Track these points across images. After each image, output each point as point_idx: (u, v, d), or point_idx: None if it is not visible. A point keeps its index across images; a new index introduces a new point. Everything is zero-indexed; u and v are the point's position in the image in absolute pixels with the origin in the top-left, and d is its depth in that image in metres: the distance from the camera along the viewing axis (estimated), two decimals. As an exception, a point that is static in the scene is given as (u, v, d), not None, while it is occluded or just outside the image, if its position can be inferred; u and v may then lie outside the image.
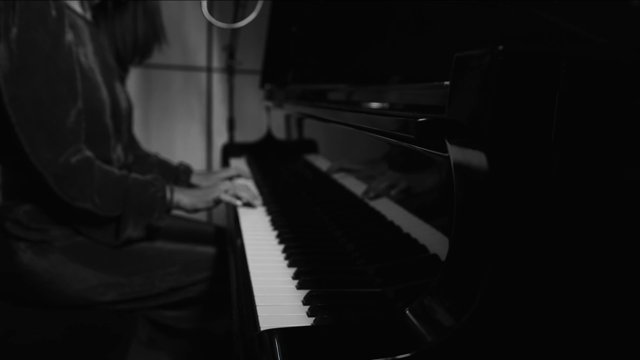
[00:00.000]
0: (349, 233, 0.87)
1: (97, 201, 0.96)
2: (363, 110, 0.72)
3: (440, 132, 0.43)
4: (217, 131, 3.19)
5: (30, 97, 0.90)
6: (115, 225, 1.02)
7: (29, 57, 0.90)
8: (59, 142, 0.92)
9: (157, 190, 1.03)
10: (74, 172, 0.94)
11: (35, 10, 0.91)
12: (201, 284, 1.09)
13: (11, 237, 1.00)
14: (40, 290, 1.00)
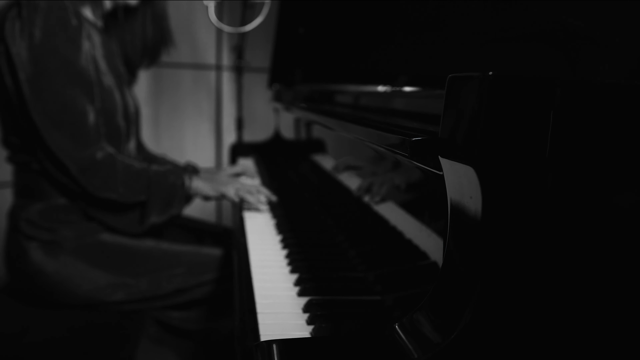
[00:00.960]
0: (351, 238, 0.88)
1: (122, 191, 1.01)
2: (365, 122, 0.72)
3: (434, 151, 0.44)
4: (226, 129, 3.21)
5: (53, 99, 0.94)
6: (139, 213, 1.06)
7: (51, 62, 0.93)
8: (83, 140, 0.97)
9: (177, 178, 1.08)
10: (98, 166, 0.98)
11: (57, 18, 0.94)
12: (207, 285, 1.11)
13: (24, 235, 1.03)
14: (51, 290, 1.03)
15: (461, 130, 0.41)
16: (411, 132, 0.56)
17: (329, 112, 1.01)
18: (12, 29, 0.92)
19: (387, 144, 0.52)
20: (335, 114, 0.94)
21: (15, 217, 1.05)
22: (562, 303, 0.41)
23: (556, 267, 0.41)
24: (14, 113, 0.99)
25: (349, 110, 1.07)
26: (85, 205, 1.03)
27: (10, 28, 0.93)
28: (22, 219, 1.03)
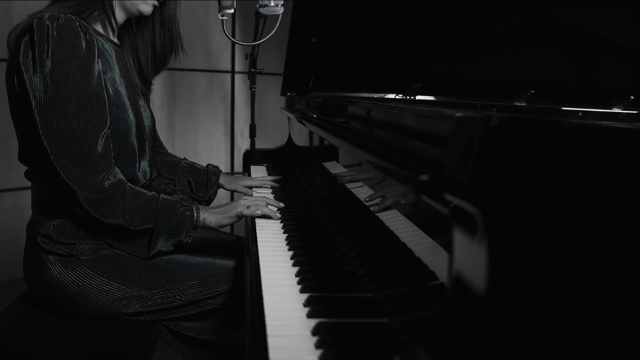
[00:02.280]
0: (361, 255, 0.89)
1: (129, 218, 1.03)
2: (373, 147, 0.73)
3: (438, 190, 0.45)
4: (240, 133, 3.24)
5: (63, 126, 0.95)
6: (147, 239, 1.08)
7: (62, 89, 0.95)
8: (92, 167, 0.98)
9: (186, 210, 1.10)
10: (107, 194, 1.00)
11: (67, 44, 0.96)
12: (220, 297, 1.13)
13: (42, 250, 1.06)
14: (69, 301, 1.05)
15: (466, 170, 0.42)
16: (418, 165, 0.57)
17: (338, 131, 1.02)
18: (26, 55, 0.95)
19: (395, 177, 0.54)
20: (344, 135, 0.95)
21: (33, 231, 1.08)
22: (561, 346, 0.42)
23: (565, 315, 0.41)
24: (29, 134, 1.02)
25: (359, 126, 1.08)
26: (94, 229, 1.06)
27: (24, 54, 0.95)
28: (39, 234, 1.06)
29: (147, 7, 1.16)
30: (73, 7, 1.04)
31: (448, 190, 0.43)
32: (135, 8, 1.14)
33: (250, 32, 2.95)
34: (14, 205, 2.62)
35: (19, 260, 2.67)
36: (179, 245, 1.11)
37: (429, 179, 0.45)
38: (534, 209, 0.40)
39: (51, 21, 0.95)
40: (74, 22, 0.98)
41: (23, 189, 2.61)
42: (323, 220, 1.16)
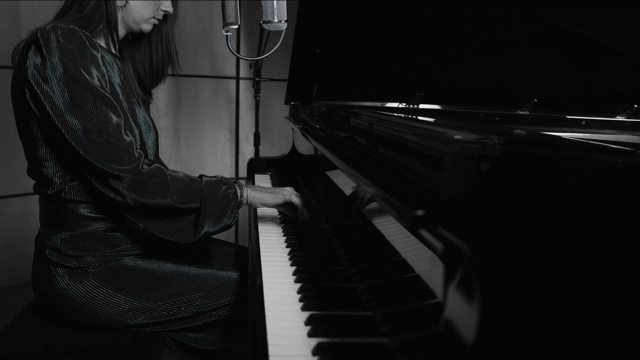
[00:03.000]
0: (361, 271, 0.91)
1: (175, 197, 1.04)
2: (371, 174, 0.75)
3: (433, 224, 0.47)
4: (244, 138, 3.27)
5: (86, 123, 0.98)
6: (194, 221, 1.08)
7: (76, 90, 0.98)
8: (124, 157, 1.00)
9: (229, 187, 1.12)
10: (147, 175, 1.02)
11: (74, 48, 0.99)
12: (224, 308, 1.15)
13: (50, 262, 1.08)
14: (77, 312, 1.08)
15: (459, 209, 0.44)
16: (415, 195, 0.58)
17: (338, 150, 1.03)
18: (35, 66, 0.97)
19: (390, 207, 0.55)
20: (343, 153, 0.97)
21: (41, 244, 1.10)
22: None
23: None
24: (40, 145, 1.04)
25: (360, 142, 1.10)
26: (136, 217, 1.05)
27: (32, 65, 0.97)
28: (47, 247, 1.08)
29: (149, 27, 1.19)
30: (78, 20, 1.07)
31: (443, 225, 0.45)
32: (138, 27, 1.17)
33: (254, 38, 2.98)
34: (22, 211, 2.65)
35: (26, 264, 2.71)
36: (223, 227, 1.11)
37: (423, 216, 0.47)
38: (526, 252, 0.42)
39: (54, 30, 0.98)
40: (77, 29, 1.01)
41: (30, 194, 2.64)
42: (325, 233, 1.18)
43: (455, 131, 0.92)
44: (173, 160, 3.06)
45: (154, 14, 1.18)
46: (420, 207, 0.48)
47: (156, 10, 1.18)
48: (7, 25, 2.48)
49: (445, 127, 0.98)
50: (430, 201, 0.52)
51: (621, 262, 0.39)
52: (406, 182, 0.65)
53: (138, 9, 1.15)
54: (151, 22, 1.19)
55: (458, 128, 0.94)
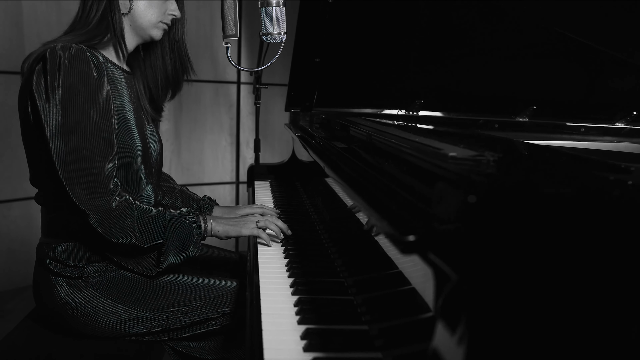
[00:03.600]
0: (358, 283, 0.92)
1: (139, 236, 1.06)
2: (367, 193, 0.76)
3: (425, 248, 0.48)
4: (245, 142, 3.28)
5: (72, 151, 0.99)
6: (156, 256, 1.11)
7: (71, 116, 0.99)
8: (99, 190, 1.01)
9: (193, 222, 1.12)
10: (115, 213, 1.03)
11: (78, 73, 1.00)
12: (222, 318, 1.16)
13: (51, 272, 1.10)
14: (77, 322, 1.09)
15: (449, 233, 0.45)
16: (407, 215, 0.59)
17: (336, 163, 1.04)
18: (38, 83, 0.99)
19: (384, 232, 0.57)
20: (341, 169, 0.98)
21: (42, 254, 1.12)
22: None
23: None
24: (41, 156, 1.06)
25: (361, 154, 1.10)
26: (104, 249, 1.09)
27: (36, 82, 0.99)
28: (48, 257, 1.09)
29: (159, 32, 1.19)
30: (85, 34, 1.08)
31: (434, 251, 0.46)
32: (147, 33, 1.18)
33: (255, 41, 2.99)
34: (23, 215, 2.67)
35: (27, 268, 2.72)
36: (187, 259, 1.13)
37: (416, 241, 0.48)
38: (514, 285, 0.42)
39: (63, 51, 0.99)
40: (85, 52, 1.02)
41: (32, 198, 2.66)
42: (323, 244, 1.19)
43: (452, 146, 0.93)
44: (174, 164, 3.07)
45: (161, 18, 1.18)
46: (412, 231, 0.50)
47: (163, 14, 1.19)
48: (9, 30, 2.50)
49: (442, 142, 0.99)
50: (422, 223, 0.53)
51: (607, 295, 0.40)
52: (400, 201, 0.66)
53: (144, 13, 1.15)
54: (160, 27, 1.19)
55: (454, 142, 0.95)
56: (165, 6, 1.19)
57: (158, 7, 1.17)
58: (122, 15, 1.13)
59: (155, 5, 1.17)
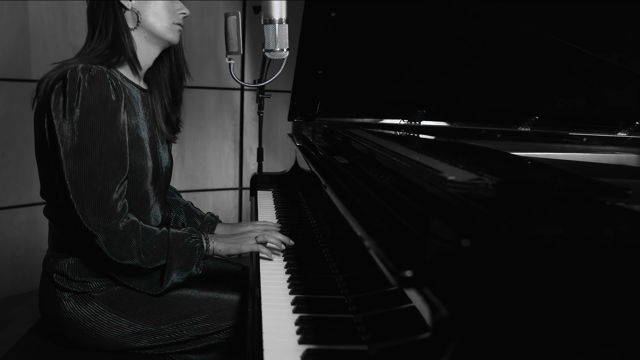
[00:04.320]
0: (358, 300, 0.93)
1: (143, 257, 1.07)
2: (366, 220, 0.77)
3: (420, 284, 0.49)
4: (248, 148, 3.30)
5: (85, 172, 1.01)
6: (159, 275, 1.13)
7: (87, 137, 1.00)
8: (108, 212, 1.03)
9: (196, 242, 1.14)
10: (121, 236, 1.04)
11: (97, 95, 1.01)
12: (225, 331, 1.18)
13: (57, 287, 1.11)
14: (82, 335, 1.11)
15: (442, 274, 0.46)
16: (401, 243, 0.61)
17: (335, 182, 1.06)
18: (57, 102, 1.00)
19: (382, 262, 0.58)
20: (342, 190, 0.99)
21: (49, 267, 1.13)
22: None
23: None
24: (52, 172, 1.08)
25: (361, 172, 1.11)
26: (108, 268, 1.11)
27: (55, 101, 1.00)
28: (55, 271, 1.11)
29: (175, 35, 1.20)
30: (100, 57, 1.10)
31: (429, 286, 0.48)
32: (165, 39, 1.19)
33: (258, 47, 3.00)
34: (29, 220, 2.69)
35: (32, 273, 2.75)
36: (190, 277, 1.15)
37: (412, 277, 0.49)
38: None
39: (83, 72, 1.01)
40: (105, 73, 1.03)
41: (37, 204, 2.68)
42: (325, 258, 1.21)
43: (451, 167, 0.94)
44: (178, 170, 3.09)
45: (173, 19, 1.19)
46: (408, 265, 0.51)
47: (173, 15, 1.19)
48: (16, 39, 2.53)
49: (442, 161, 1.00)
50: (418, 254, 0.54)
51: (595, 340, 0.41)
52: (398, 227, 0.67)
53: (154, 20, 1.16)
54: (175, 29, 1.20)
55: (454, 162, 0.96)
56: (172, 7, 1.19)
57: (167, 10, 1.18)
58: (130, 32, 1.15)
59: (162, 8, 1.17)
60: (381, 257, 0.58)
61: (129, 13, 1.15)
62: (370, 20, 1.76)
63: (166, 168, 1.29)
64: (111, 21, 1.11)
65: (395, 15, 1.78)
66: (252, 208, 1.80)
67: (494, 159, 1.25)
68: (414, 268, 0.51)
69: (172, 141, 1.35)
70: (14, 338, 2.27)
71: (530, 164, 1.14)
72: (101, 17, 1.11)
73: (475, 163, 0.95)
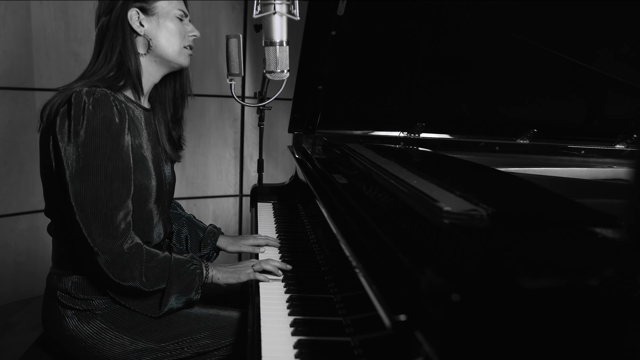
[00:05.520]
0: (355, 322, 0.95)
1: (144, 280, 1.09)
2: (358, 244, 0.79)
3: (412, 327, 0.51)
4: (248, 156, 3.32)
5: (91, 193, 1.03)
6: (159, 299, 1.15)
7: (93, 160, 1.03)
8: (112, 233, 1.05)
9: (196, 268, 1.16)
10: (125, 257, 1.06)
11: (101, 118, 1.03)
12: (225, 348, 1.19)
13: (60, 304, 1.13)
14: (85, 353, 1.13)
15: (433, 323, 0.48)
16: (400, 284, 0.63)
17: (331, 202, 1.08)
18: (62, 126, 1.02)
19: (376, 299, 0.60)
20: (337, 210, 1.01)
21: (52, 285, 1.15)
22: None
23: None
24: (57, 193, 1.09)
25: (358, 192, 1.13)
26: (109, 289, 1.13)
27: (60, 125, 1.03)
28: (58, 288, 1.13)
29: (186, 59, 1.22)
30: (103, 80, 1.11)
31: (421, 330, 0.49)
32: (176, 63, 1.21)
33: (259, 52, 3.02)
34: (30, 227, 2.71)
35: (33, 280, 2.76)
36: (188, 302, 1.17)
37: (405, 321, 0.51)
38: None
39: (87, 96, 1.03)
40: (109, 96, 1.05)
41: (39, 211, 2.70)
42: (323, 277, 1.22)
43: (447, 194, 0.96)
44: (179, 178, 3.10)
45: (184, 43, 1.21)
46: (402, 310, 0.53)
47: (184, 38, 1.21)
48: (19, 48, 2.55)
49: (439, 186, 1.02)
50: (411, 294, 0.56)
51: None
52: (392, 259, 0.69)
53: (165, 45, 1.18)
54: (185, 53, 1.22)
55: (450, 188, 0.98)
56: (184, 30, 1.21)
57: (178, 34, 1.19)
58: (139, 57, 1.16)
59: (174, 33, 1.19)
60: (376, 295, 0.60)
61: (140, 39, 1.17)
62: (370, 37, 1.78)
63: (170, 185, 1.31)
64: (118, 45, 1.13)
65: (396, 31, 1.80)
66: (252, 221, 1.82)
67: (491, 182, 1.26)
68: (407, 313, 0.53)
69: (176, 160, 1.36)
70: (14, 345, 2.30)
71: (526, 188, 1.15)
72: (109, 41, 1.13)
73: (471, 189, 0.97)
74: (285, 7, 1.16)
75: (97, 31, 1.16)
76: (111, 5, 1.14)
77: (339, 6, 1.38)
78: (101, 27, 1.15)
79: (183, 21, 1.21)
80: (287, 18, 1.18)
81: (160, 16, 1.17)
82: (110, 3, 1.15)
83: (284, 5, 1.15)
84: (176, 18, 1.19)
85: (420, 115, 2.10)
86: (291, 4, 1.16)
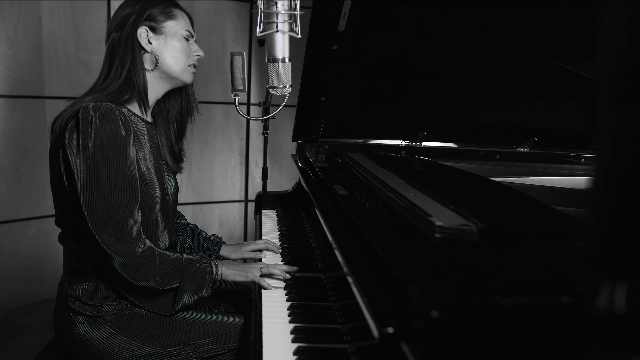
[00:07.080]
0: (353, 330, 1.00)
1: (159, 280, 1.16)
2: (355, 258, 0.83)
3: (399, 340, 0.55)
4: (254, 162, 3.37)
5: (102, 203, 1.09)
6: (172, 297, 1.21)
7: (101, 171, 1.09)
8: (125, 238, 1.11)
9: (207, 266, 1.23)
10: (139, 259, 1.13)
11: (108, 131, 1.09)
12: (229, 353, 1.24)
13: (71, 310, 1.19)
14: (95, 357, 1.18)
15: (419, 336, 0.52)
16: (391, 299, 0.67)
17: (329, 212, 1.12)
18: (71, 140, 1.08)
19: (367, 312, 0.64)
20: (334, 220, 1.05)
21: (63, 292, 1.21)
22: None
23: None
24: (68, 203, 1.15)
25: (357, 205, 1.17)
26: (125, 291, 1.18)
27: (69, 139, 1.08)
28: (70, 295, 1.18)
29: (190, 76, 1.29)
30: (111, 95, 1.17)
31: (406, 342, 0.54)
32: (179, 80, 1.27)
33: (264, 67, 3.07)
34: (40, 232, 2.77)
35: (42, 284, 2.83)
36: (200, 299, 1.22)
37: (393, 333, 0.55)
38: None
39: (94, 111, 1.09)
40: (114, 110, 1.11)
41: (48, 216, 2.77)
42: (324, 284, 1.27)
43: (442, 207, 1.00)
44: (185, 183, 3.17)
45: (189, 62, 1.27)
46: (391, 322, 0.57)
47: (189, 57, 1.27)
48: (30, 57, 2.61)
49: (434, 199, 1.06)
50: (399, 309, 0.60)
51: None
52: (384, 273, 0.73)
53: (172, 63, 1.24)
54: (189, 71, 1.28)
55: (445, 203, 1.02)
56: (189, 49, 1.27)
57: (184, 53, 1.25)
58: (145, 73, 1.22)
59: (180, 52, 1.25)
60: (367, 307, 0.64)
61: (148, 55, 1.22)
62: (371, 49, 1.83)
63: (172, 195, 1.36)
64: (127, 62, 1.18)
65: (396, 41, 1.84)
66: (256, 228, 1.86)
67: (486, 194, 1.30)
68: (395, 326, 0.57)
69: (177, 172, 1.41)
70: (25, 348, 2.36)
71: (520, 200, 1.19)
72: (119, 57, 1.18)
73: (465, 203, 1.01)
74: (288, 26, 1.20)
75: (107, 46, 1.22)
76: (123, 22, 1.20)
77: (340, 22, 1.42)
78: (112, 42, 1.20)
79: (189, 41, 1.27)
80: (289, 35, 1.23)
81: (168, 35, 1.23)
82: (122, 20, 1.20)
83: (286, 23, 1.19)
84: (183, 38, 1.25)
85: (422, 124, 2.14)
86: (293, 22, 1.21)
